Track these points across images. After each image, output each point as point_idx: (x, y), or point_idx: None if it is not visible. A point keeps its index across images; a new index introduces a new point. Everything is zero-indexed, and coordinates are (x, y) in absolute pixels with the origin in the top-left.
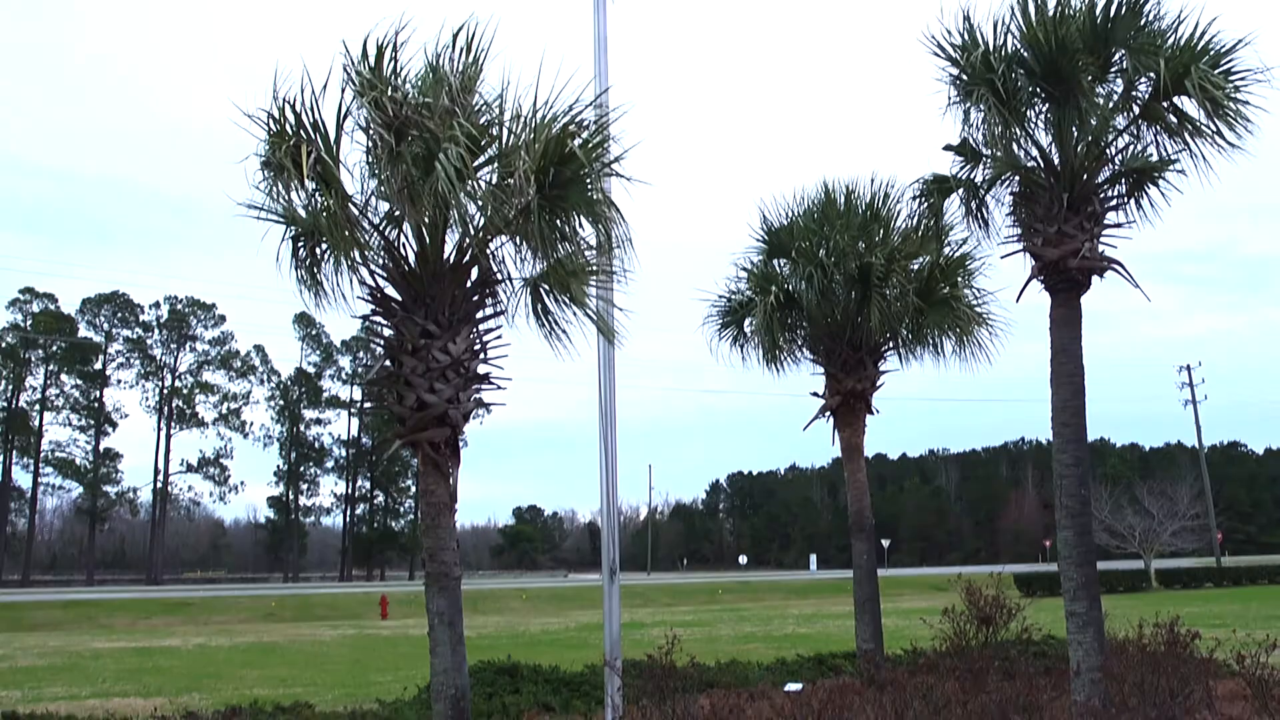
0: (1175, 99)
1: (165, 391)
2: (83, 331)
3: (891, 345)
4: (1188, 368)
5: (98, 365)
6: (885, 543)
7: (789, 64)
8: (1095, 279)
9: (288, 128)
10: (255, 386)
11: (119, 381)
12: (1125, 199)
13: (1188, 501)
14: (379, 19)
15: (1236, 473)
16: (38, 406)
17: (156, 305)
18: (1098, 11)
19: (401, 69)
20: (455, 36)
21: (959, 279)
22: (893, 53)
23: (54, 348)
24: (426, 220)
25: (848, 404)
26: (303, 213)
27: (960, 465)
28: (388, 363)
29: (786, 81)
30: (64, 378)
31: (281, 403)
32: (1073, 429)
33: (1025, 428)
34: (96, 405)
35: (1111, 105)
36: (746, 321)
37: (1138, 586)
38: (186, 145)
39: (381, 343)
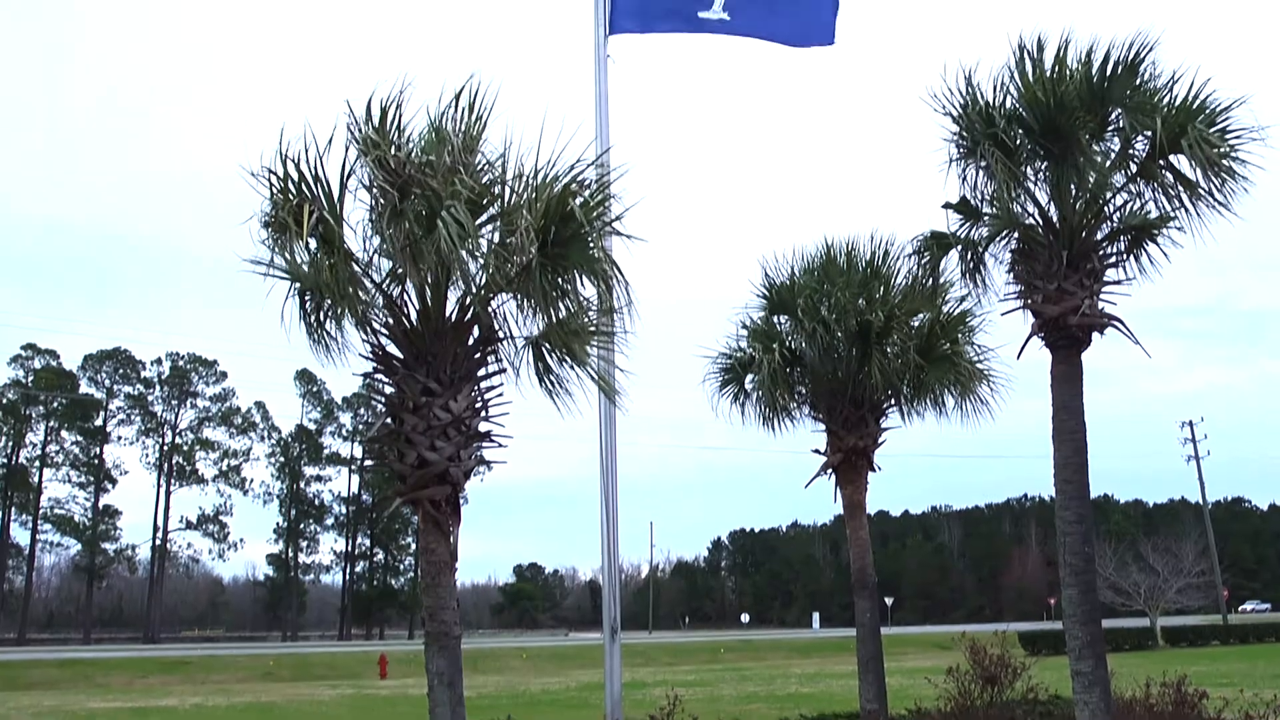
0: (1172, 157)
1: (165, 448)
2: (84, 388)
3: (893, 402)
4: (1189, 423)
5: (98, 422)
6: (888, 601)
7: (788, 121)
8: (1095, 335)
9: (291, 186)
10: (256, 443)
11: (119, 438)
12: (1124, 256)
13: (1192, 558)
14: (384, 76)
15: (1240, 529)
16: (38, 463)
17: (158, 361)
18: (1094, 71)
19: (405, 128)
20: (458, 97)
21: (959, 336)
22: (892, 110)
23: (55, 404)
24: (429, 278)
25: (849, 461)
26: (307, 269)
27: (963, 522)
28: (389, 420)
29: (786, 139)
30: (64, 434)
31: (282, 459)
32: (1075, 486)
33: (1028, 484)
34: (96, 462)
35: (1109, 163)
36: (748, 379)
37: (1144, 644)
38: (191, 200)
39: (383, 400)
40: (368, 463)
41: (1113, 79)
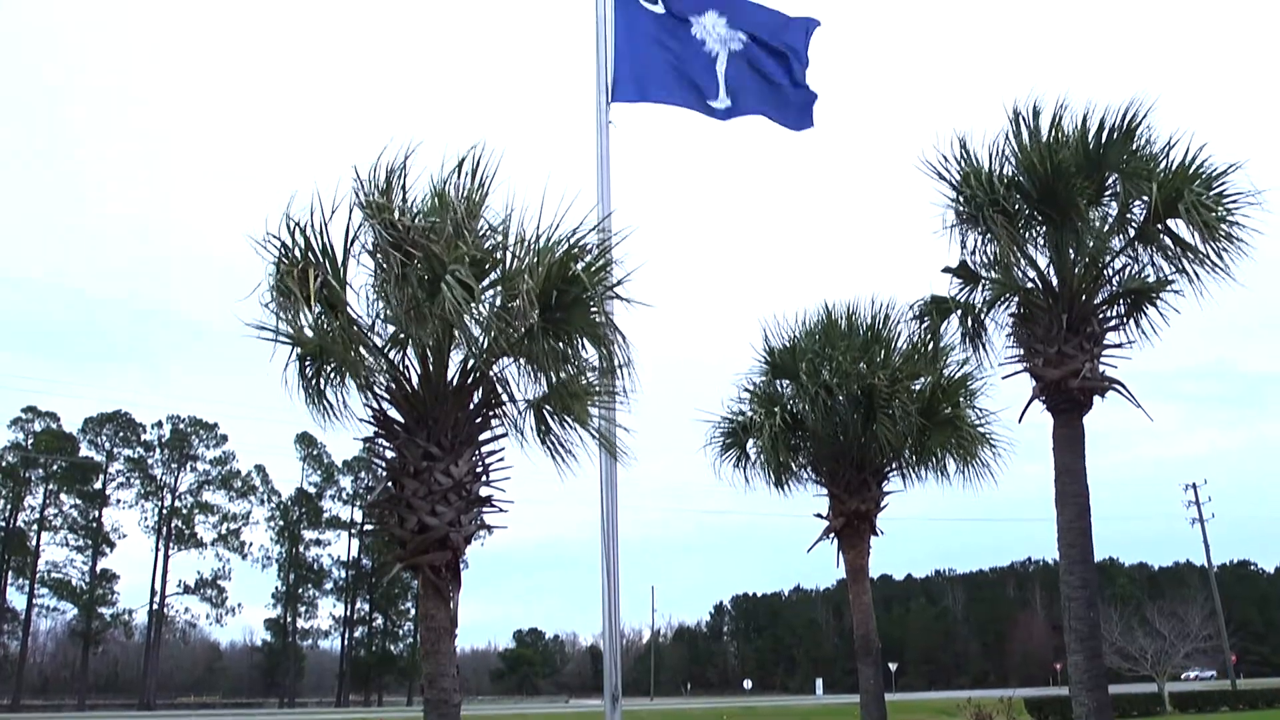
0: (1170, 221)
1: (165, 512)
2: (84, 451)
3: (895, 466)
4: (1193, 486)
5: (97, 485)
6: (892, 666)
7: (789, 185)
8: (1097, 399)
9: (296, 250)
10: (255, 506)
11: (118, 501)
12: (1124, 320)
13: (1199, 622)
14: (388, 142)
15: (1247, 592)
16: (35, 526)
17: (159, 424)
18: (1090, 136)
19: (409, 193)
20: (461, 163)
21: (961, 399)
22: (892, 173)
23: (54, 467)
24: (431, 342)
25: (852, 525)
26: (310, 334)
27: (966, 586)
28: (389, 485)
29: (787, 202)
30: (63, 497)
31: (281, 523)
32: (1079, 550)
33: (1032, 547)
34: (95, 525)
35: (1108, 227)
36: (749, 442)
37: (1151, 710)
38: (194, 264)
39: (383, 464)
40: (368, 527)
41: (1108, 144)
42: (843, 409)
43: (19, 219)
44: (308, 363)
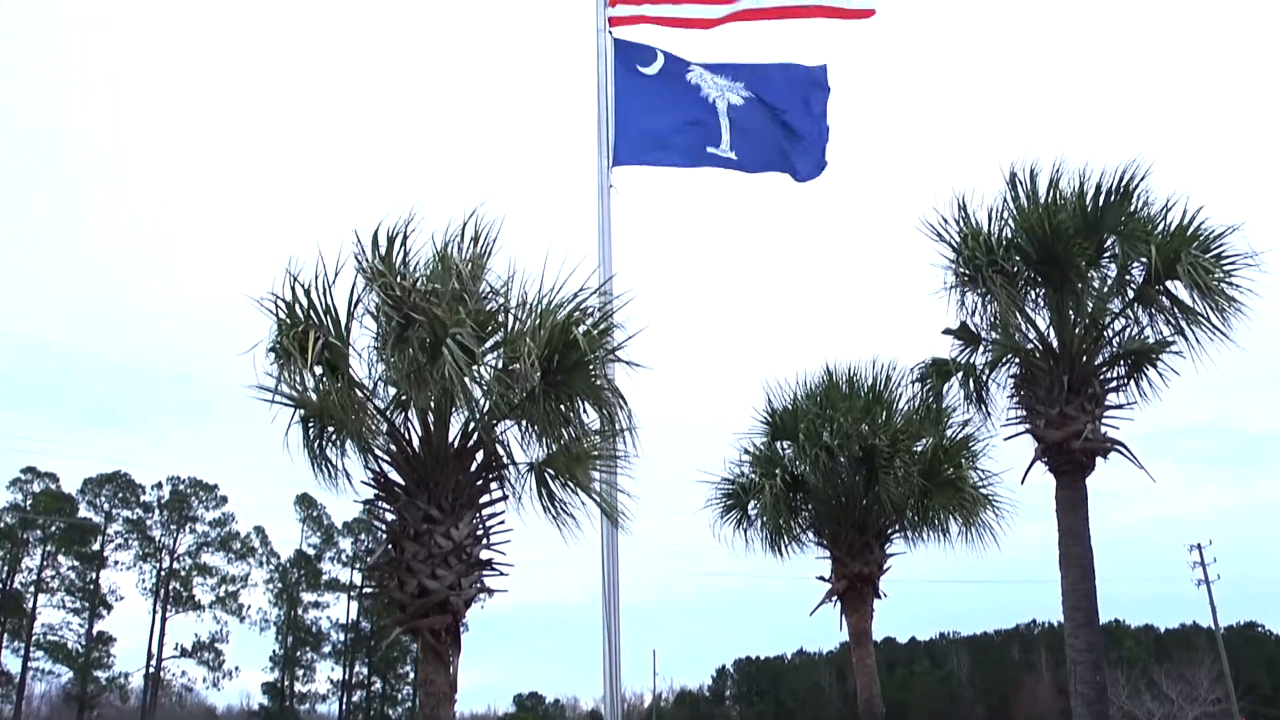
0: (1168, 283)
1: (163, 574)
2: (83, 512)
3: (897, 528)
4: (1199, 546)
5: (96, 546)
6: None
7: (789, 246)
8: (1099, 459)
9: (298, 311)
10: (254, 569)
11: (116, 563)
12: (1125, 381)
13: (1207, 685)
14: (391, 201)
15: (1255, 654)
16: (33, 588)
17: (158, 485)
18: (1088, 198)
19: (411, 256)
20: (464, 227)
21: (963, 461)
22: (892, 233)
23: (53, 528)
24: (432, 405)
25: (854, 588)
26: (311, 396)
27: (971, 649)
28: (389, 547)
29: (787, 263)
30: (61, 559)
31: (280, 585)
32: (1084, 612)
33: (1036, 609)
34: (92, 587)
35: (1107, 289)
36: (750, 504)
37: None
38: (196, 325)
39: (383, 527)
40: (367, 590)
41: (1106, 206)
42: (844, 470)
43: (18, 274)
44: (309, 424)
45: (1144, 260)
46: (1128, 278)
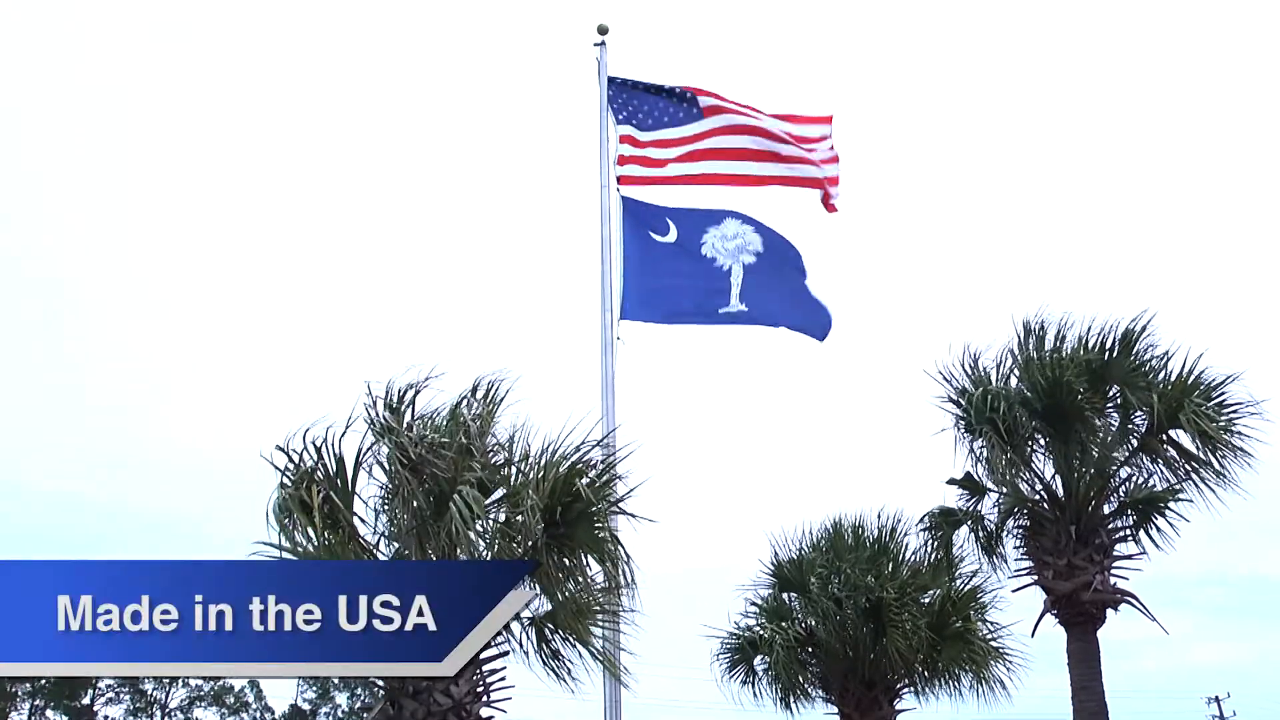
0: (1172, 431)
1: None
2: None
3: (907, 682)
4: (1216, 699)
5: (86, 700)
6: None
7: (794, 395)
8: (1110, 611)
9: (305, 466)
10: None
11: (106, 718)
12: (1133, 530)
13: None
14: (397, 357)
15: None
16: None
17: None
18: (1093, 351)
19: (419, 412)
20: (475, 387)
21: (972, 612)
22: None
23: (42, 681)
24: (435, 558)
25: None
26: (313, 550)
27: None
28: (389, 705)
29: (791, 412)
30: (50, 714)
31: None
32: None
33: None
34: None
35: (1111, 438)
36: (757, 659)
37: None
38: (197, 477)
39: (381, 683)
40: None
41: (1110, 358)
42: (852, 623)
43: (17, 423)
44: None
45: (1146, 409)
46: (1131, 426)
